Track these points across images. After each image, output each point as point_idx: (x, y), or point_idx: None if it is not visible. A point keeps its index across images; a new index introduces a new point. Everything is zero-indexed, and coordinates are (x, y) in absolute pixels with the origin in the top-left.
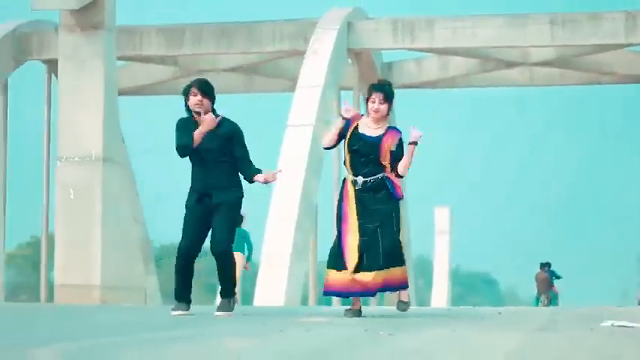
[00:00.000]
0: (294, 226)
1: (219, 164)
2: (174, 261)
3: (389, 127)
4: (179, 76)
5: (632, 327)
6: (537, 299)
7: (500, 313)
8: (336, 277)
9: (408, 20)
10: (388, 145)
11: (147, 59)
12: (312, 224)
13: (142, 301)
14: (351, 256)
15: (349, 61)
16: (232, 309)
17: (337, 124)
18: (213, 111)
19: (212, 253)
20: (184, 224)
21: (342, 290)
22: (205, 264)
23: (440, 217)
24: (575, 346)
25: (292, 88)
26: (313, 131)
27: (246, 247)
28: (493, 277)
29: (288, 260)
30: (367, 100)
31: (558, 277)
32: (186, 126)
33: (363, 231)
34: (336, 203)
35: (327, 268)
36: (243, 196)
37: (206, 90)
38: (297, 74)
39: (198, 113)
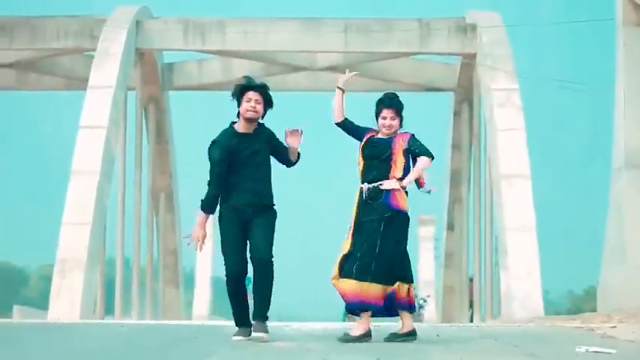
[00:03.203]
0: (89, 231)
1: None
2: None
3: (398, 133)
4: None
5: (608, 352)
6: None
7: (438, 335)
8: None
9: (199, 21)
10: (400, 144)
11: None
12: (104, 229)
13: None
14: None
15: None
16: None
17: (337, 97)
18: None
19: (254, 261)
20: (225, 244)
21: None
22: None
23: None
24: None
25: (67, 86)
26: (106, 133)
27: None
28: None
29: (84, 267)
30: (377, 116)
31: None
32: (230, 151)
33: (353, 241)
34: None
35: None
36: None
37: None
38: (74, 71)
39: (249, 120)
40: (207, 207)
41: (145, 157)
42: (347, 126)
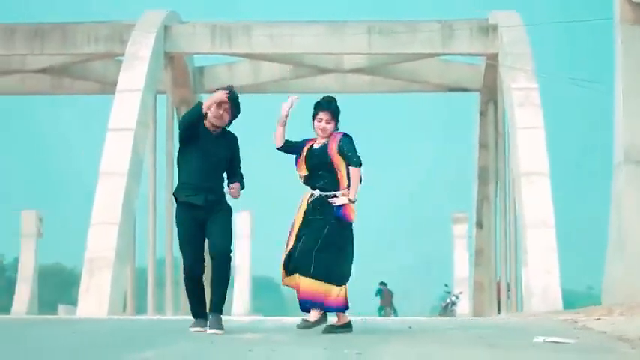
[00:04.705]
0: (116, 231)
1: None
2: None
3: (332, 134)
4: None
5: (566, 342)
6: (380, 310)
7: (410, 327)
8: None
9: (225, 25)
10: (332, 147)
11: None
12: (133, 229)
13: None
14: (282, 262)
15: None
16: (223, 326)
17: (280, 122)
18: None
19: (212, 255)
20: (182, 243)
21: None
22: None
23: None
24: None
25: (101, 90)
26: (134, 135)
27: None
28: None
29: (112, 266)
30: (313, 118)
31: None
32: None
33: (297, 239)
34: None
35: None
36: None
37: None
38: (106, 76)
39: (214, 126)
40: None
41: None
42: (287, 147)
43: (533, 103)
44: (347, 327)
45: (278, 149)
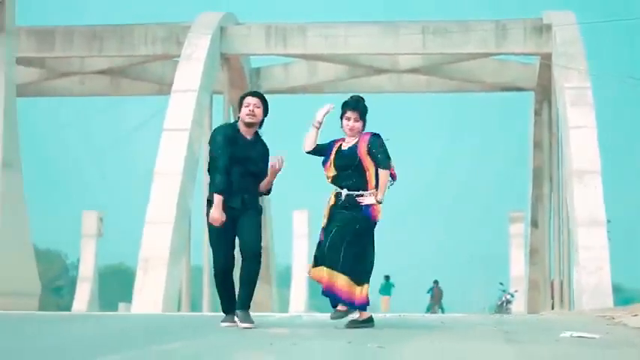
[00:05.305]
0: (171, 230)
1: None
2: None
3: (362, 135)
4: (45, 78)
5: (591, 337)
6: (429, 308)
7: (442, 322)
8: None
9: (280, 26)
10: (363, 148)
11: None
12: (187, 228)
13: (36, 307)
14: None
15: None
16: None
17: (315, 123)
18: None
19: (242, 253)
20: (214, 240)
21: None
22: None
23: (298, 221)
24: (567, 358)
25: (159, 91)
26: (189, 135)
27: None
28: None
29: (166, 265)
30: (342, 117)
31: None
32: (231, 141)
33: (327, 232)
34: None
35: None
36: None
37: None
38: (164, 77)
39: (249, 125)
40: (222, 188)
41: None
42: (316, 150)
43: (586, 102)
44: (369, 322)
45: (307, 152)
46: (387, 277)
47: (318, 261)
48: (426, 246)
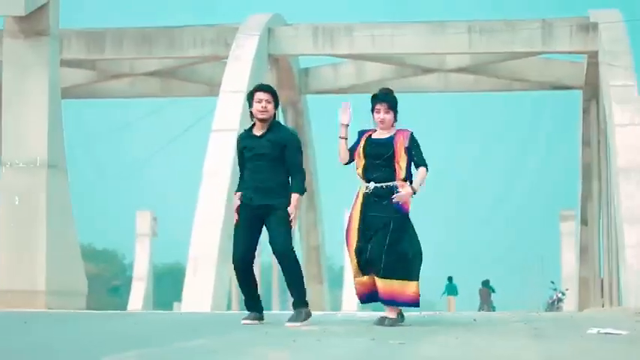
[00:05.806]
0: (220, 230)
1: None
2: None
3: (398, 130)
4: (95, 80)
5: (618, 334)
6: (480, 308)
7: (475, 320)
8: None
9: (327, 27)
10: (401, 142)
11: (65, 63)
12: None
13: (84, 306)
14: (354, 260)
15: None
16: (304, 319)
17: (341, 133)
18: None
19: (274, 254)
20: (234, 237)
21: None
22: None
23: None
24: (588, 354)
25: (209, 93)
26: (237, 135)
27: None
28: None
29: (215, 264)
30: (372, 111)
31: (494, 291)
32: (241, 145)
33: (360, 236)
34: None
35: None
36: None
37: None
38: (213, 78)
39: (261, 120)
40: (235, 190)
41: None
42: (352, 158)
43: (632, 100)
44: (399, 319)
45: (346, 164)
46: (449, 279)
47: (364, 270)
48: (477, 246)
